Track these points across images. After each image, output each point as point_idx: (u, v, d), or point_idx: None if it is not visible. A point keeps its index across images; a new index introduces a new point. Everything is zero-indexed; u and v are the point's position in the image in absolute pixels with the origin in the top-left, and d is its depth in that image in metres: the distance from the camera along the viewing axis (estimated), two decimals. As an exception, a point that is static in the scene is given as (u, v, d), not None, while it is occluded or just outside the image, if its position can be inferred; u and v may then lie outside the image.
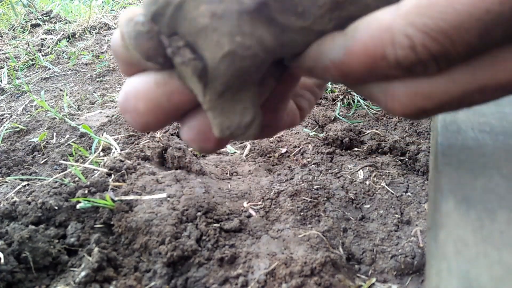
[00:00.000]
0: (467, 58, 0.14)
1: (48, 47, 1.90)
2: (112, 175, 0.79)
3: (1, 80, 1.58)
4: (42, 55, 1.80)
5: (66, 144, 1.04)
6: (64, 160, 0.96)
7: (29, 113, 1.27)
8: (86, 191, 0.73)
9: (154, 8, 0.18)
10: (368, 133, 1.01)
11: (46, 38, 2.03)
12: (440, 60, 0.14)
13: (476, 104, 0.16)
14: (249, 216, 0.73)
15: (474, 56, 0.14)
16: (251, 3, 0.16)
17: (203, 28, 0.17)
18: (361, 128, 1.04)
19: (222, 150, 0.99)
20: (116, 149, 0.94)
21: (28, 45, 1.90)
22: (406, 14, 0.14)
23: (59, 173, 0.89)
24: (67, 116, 1.20)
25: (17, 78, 1.58)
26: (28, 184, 0.87)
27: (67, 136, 1.08)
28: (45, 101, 1.32)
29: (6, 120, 1.24)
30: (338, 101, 1.18)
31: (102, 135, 1.04)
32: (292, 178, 0.83)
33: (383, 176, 0.83)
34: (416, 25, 0.13)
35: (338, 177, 0.84)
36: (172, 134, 1.02)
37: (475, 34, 0.13)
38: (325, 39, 0.16)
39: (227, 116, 0.19)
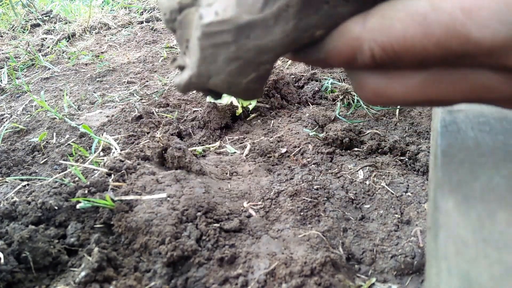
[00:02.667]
0: (415, 70, 0.19)
1: (48, 47, 1.90)
2: (112, 175, 0.79)
3: (1, 80, 1.58)
4: (42, 55, 1.80)
5: (66, 144, 1.04)
6: (64, 160, 0.96)
7: (29, 113, 1.27)
8: (86, 191, 0.73)
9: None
10: (368, 133, 1.01)
11: (46, 38, 2.03)
12: (392, 66, 0.19)
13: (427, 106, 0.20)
14: (249, 216, 0.73)
15: (421, 69, 0.18)
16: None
17: None
18: (361, 128, 1.04)
19: (222, 150, 0.99)
20: (116, 149, 0.94)
21: (28, 45, 1.90)
22: (371, 31, 0.18)
23: (59, 173, 0.89)
24: (67, 116, 1.20)
25: (17, 78, 1.58)
26: (28, 184, 0.87)
27: (67, 136, 1.08)
28: (45, 101, 1.32)
29: (6, 120, 1.24)
30: (338, 101, 1.18)
31: (102, 135, 1.04)
32: (292, 178, 0.83)
33: (383, 176, 0.83)
34: (377, 41, 0.18)
35: (338, 177, 0.84)
36: (172, 134, 1.02)
37: (415, 56, 0.17)
38: (318, 42, 0.21)
39: None
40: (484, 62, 0.16)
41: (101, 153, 0.95)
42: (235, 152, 0.97)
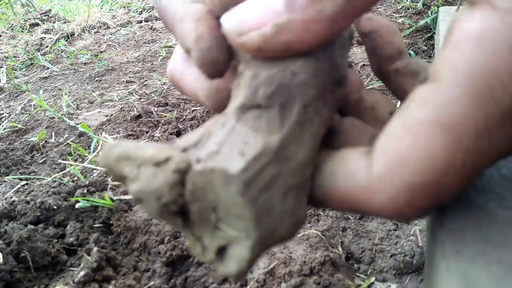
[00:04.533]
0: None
1: (47, 46, 1.90)
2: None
3: (0, 79, 1.58)
4: (41, 54, 1.80)
5: (65, 143, 1.04)
6: (63, 159, 0.96)
7: (27, 112, 1.27)
8: (85, 191, 0.73)
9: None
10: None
11: (44, 38, 2.02)
12: (431, 207, 0.14)
13: None
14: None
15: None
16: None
17: None
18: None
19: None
20: (115, 148, 0.94)
21: (27, 45, 1.90)
22: (381, 177, 0.14)
23: (58, 172, 0.89)
24: (66, 115, 1.20)
25: (16, 78, 1.58)
26: (27, 184, 0.87)
27: (66, 135, 1.08)
28: (44, 100, 1.31)
29: (5, 120, 1.23)
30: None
31: (101, 134, 1.04)
32: (291, 178, 0.83)
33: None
34: (396, 186, 0.13)
35: (337, 177, 0.84)
36: (171, 134, 1.02)
37: (459, 175, 0.13)
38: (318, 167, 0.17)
39: None
40: None
41: (100, 153, 0.95)
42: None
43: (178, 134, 1.04)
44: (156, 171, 0.15)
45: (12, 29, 2.22)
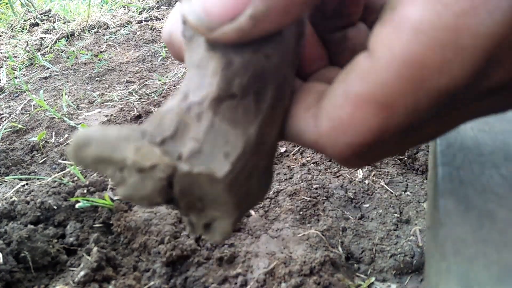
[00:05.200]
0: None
1: (47, 46, 1.90)
2: (111, 175, 0.79)
3: (0, 80, 1.58)
4: (41, 54, 1.80)
5: (65, 143, 1.04)
6: (63, 159, 0.96)
7: (28, 112, 1.27)
8: (85, 191, 0.73)
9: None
10: (367, 133, 1.01)
11: (44, 38, 2.02)
12: (369, 153, 0.16)
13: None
14: (248, 215, 0.73)
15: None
16: None
17: None
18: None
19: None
20: (115, 148, 0.94)
21: (27, 45, 1.90)
22: (328, 137, 0.16)
23: (58, 172, 0.89)
24: (66, 115, 1.20)
25: (16, 78, 1.58)
26: (27, 184, 0.87)
27: (66, 135, 1.08)
28: (44, 100, 1.31)
29: (5, 120, 1.23)
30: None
31: (101, 134, 1.04)
32: (291, 178, 0.83)
33: (382, 175, 0.83)
34: (340, 145, 0.16)
35: (337, 176, 0.84)
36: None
37: (392, 136, 0.15)
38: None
39: None
40: (469, 93, 0.14)
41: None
42: (234, 152, 0.97)
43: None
44: (142, 177, 0.15)
45: (12, 29, 2.22)
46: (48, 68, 1.65)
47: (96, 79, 1.51)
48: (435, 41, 0.12)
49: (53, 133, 1.10)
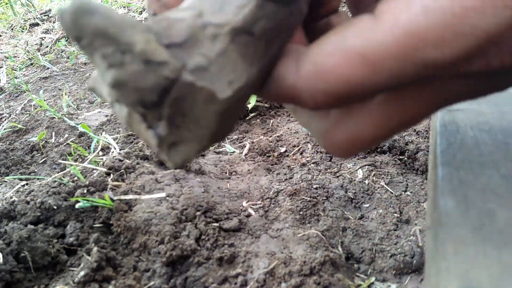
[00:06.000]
0: (372, 100, 0.18)
1: (47, 46, 1.90)
2: (111, 175, 0.79)
3: (0, 80, 1.58)
4: (41, 54, 1.80)
5: (65, 143, 1.04)
6: (63, 159, 0.96)
7: (28, 112, 1.27)
8: (85, 191, 0.73)
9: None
10: (367, 132, 1.01)
11: (44, 38, 2.02)
12: (342, 106, 0.18)
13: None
14: (248, 215, 0.73)
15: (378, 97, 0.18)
16: None
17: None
18: (360, 127, 1.04)
19: (221, 149, 0.99)
20: (115, 148, 0.94)
21: (27, 45, 1.90)
22: (307, 79, 0.17)
23: (58, 172, 0.89)
24: (66, 115, 1.20)
25: (16, 78, 1.58)
26: (27, 184, 0.87)
27: (66, 135, 1.08)
28: (44, 100, 1.31)
29: (5, 120, 1.23)
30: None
31: (101, 134, 1.04)
32: (291, 178, 0.83)
33: (382, 175, 0.83)
34: (317, 89, 0.16)
35: (337, 176, 0.84)
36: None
37: (366, 94, 0.16)
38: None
39: None
40: (446, 74, 0.15)
41: (100, 153, 0.95)
42: (234, 152, 0.97)
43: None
44: (146, 69, 0.14)
45: (12, 29, 2.22)
46: (48, 68, 1.65)
47: (96, 79, 1.51)
48: (440, 22, 0.14)
49: (53, 133, 1.10)
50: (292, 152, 0.94)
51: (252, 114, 1.12)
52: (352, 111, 0.18)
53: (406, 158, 0.89)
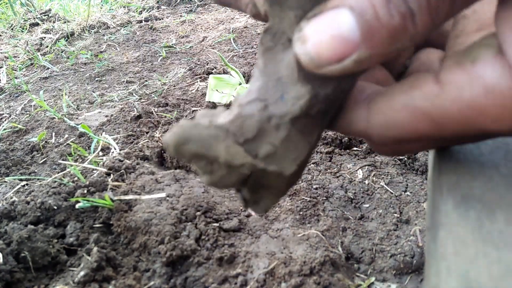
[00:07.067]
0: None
1: (47, 46, 1.90)
2: (111, 175, 0.79)
3: (0, 80, 1.58)
4: (41, 54, 1.80)
5: (65, 143, 1.04)
6: (63, 159, 0.96)
7: (28, 112, 1.27)
8: (85, 191, 0.73)
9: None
10: (367, 133, 1.01)
11: (44, 37, 2.02)
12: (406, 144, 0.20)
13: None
14: (248, 215, 0.73)
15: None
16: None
17: None
18: (360, 127, 1.04)
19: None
20: (115, 148, 0.94)
21: (27, 45, 1.90)
22: (377, 128, 0.19)
23: (58, 173, 0.89)
24: (66, 115, 1.20)
25: (16, 78, 1.58)
26: (27, 184, 0.87)
27: (66, 135, 1.08)
28: (44, 100, 1.31)
29: (5, 120, 1.23)
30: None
31: (101, 134, 1.04)
32: (291, 178, 0.83)
33: (382, 176, 0.83)
34: (385, 136, 0.19)
35: (337, 177, 0.84)
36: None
37: (432, 144, 0.19)
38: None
39: None
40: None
41: (100, 153, 0.95)
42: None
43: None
44: (229, 171, 0.19)
45: (12, 29, 2.22)
46: (48, 68, 1.65)
47: (96, 79, 1.51)
48: (499, 103, 0.16)
49: (53, 133, 1.10)
50: (292, 152, 0.93)
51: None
52: None
53: (406, 158, 0.89)
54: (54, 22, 2.26)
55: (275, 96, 0.19)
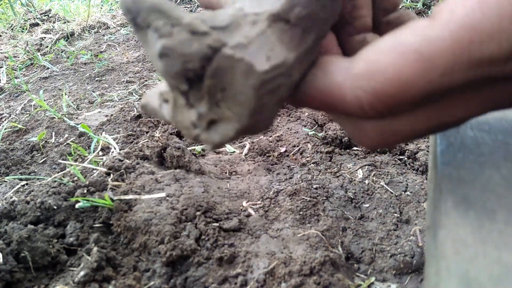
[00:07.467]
0: (417, 107, 0.17)
1: (47, 46, 1.90)
2: (111, 175, 0.79)
3: (0, 80, 1.58)
4: (41, 54, 1.80)
5: (65, 143, 1.04)
6: (63, 159, 0.96)
7: (28, 112, 1.27)
8: (85, 191, 0.73)
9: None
10: (367, 133, 1.01)
11: (44, 38, 2.02)
12: (387, 113, 0.17)
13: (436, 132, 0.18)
14: (248, 215, 0.73)
15: (425, 104, 0.17)
16: None
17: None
18: (360, 127, 1.04)
19: (221, 149, 0.99)
20: (115, 148, 0.94)
21: (27, 45, 1.90)
22: (356, 78, 0.16)
23: (58, 172, 0.89)
24: (66, 115, 1.20)
25: (16, 78, 1.57)
26: (27, 184, 0.87)
27: (66, 135, 1.08)
28: (44, 100, 1.31)
29: (5, 120, 1.23)
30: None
31: (101, 134, 1.04)
32: (291, 178, 0.83)
33: (382, 175, 0.83)
34: (364, 88, 0.16)
35: (337, 176, 0.84)
36: (171, 134, 1.02)
37: (417, 97, 0.16)
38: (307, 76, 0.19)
39: None
40: (499, 75, 0.15)
41: (100, 153, 0.95)
42: (234, 152, 0.97)
43: (178, 134, 1.04)
44: (191, 38, 0.16)
45: (12, 29, 2.22)
46: (48, 68, 1.65)
47: (96, 79, 1.51)
48: (496, 12, 0.14)
49: (53, 133, 1.10)
50: (292, 152, 0.94)
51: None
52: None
53: (406, 158, 0.89)
54: (54, 22, 2.26)
55: (253, 3, 0.18)
